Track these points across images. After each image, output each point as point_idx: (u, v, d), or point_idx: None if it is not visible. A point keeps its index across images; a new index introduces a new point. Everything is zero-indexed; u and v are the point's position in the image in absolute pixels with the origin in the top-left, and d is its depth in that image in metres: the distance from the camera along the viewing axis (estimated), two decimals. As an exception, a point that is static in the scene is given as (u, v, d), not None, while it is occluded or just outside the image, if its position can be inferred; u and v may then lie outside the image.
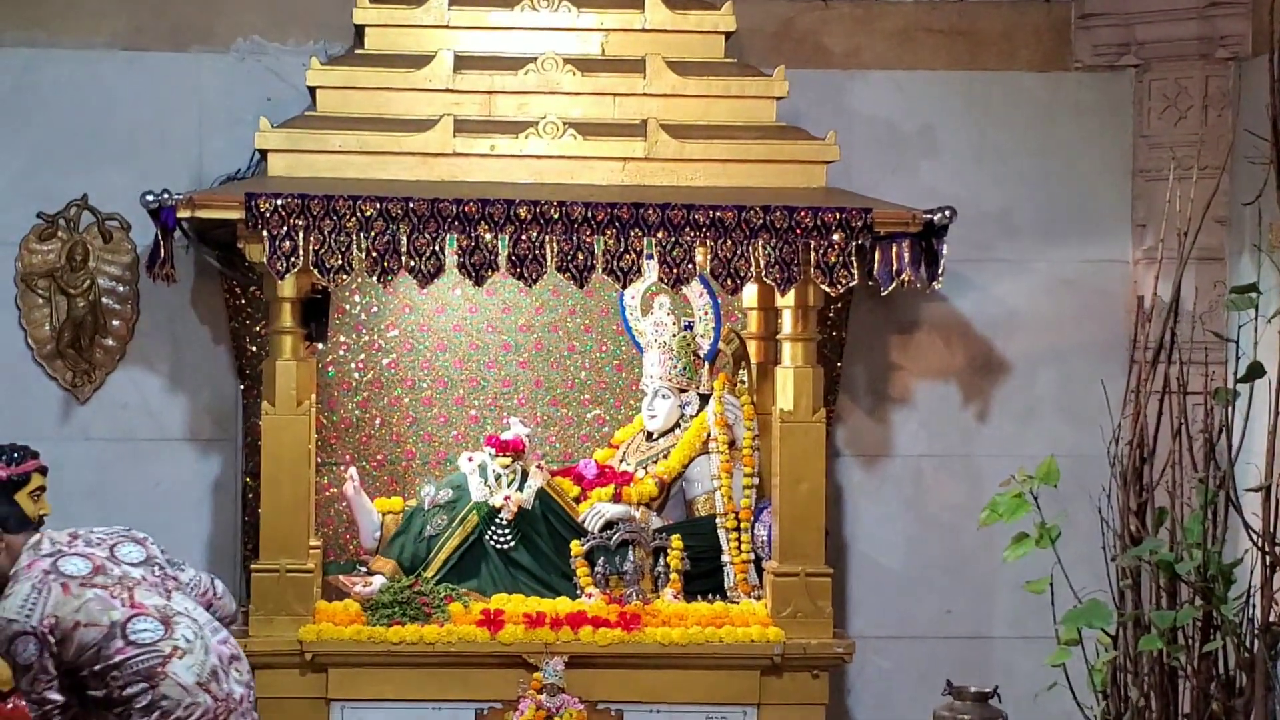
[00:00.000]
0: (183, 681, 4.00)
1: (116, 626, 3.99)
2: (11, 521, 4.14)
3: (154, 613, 4.05)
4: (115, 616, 4.00)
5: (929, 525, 6.34)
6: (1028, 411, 6.34)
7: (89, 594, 4.00)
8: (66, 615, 3.96)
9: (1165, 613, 4.05)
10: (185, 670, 4.01)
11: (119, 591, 4.04)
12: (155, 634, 4.02)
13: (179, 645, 4.02)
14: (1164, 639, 4.03)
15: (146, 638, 4.01)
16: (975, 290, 6.32)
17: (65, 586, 3.99)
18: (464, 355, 6.21)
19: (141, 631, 4.01)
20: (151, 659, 4.00)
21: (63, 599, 3.98)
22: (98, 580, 4.04)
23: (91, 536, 4.21)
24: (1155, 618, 4.05)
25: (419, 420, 6.17)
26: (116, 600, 4.02)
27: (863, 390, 6.33)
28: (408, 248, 5.23)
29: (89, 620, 3.97)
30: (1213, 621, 4.06)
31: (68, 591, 3.99)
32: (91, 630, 3.96)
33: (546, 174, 5.56)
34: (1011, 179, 6.33)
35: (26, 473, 4.84)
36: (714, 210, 5.32)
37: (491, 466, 5.81)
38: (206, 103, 6.08)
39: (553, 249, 5.27)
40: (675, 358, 6.00)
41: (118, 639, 3.98)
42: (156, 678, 3.98)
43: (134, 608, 4.03)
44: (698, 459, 5.95)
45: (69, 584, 4.00)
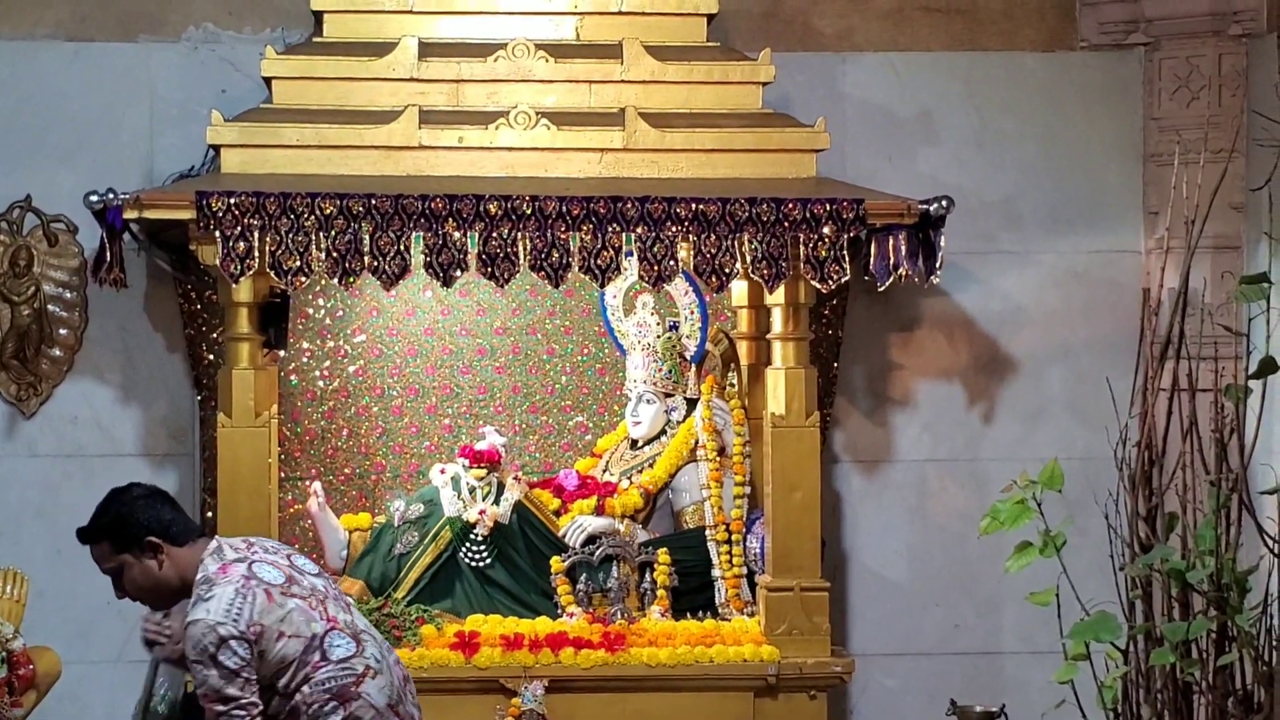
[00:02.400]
0: (375, 703, 4.00)
1: (317, 639, 3.98)
2: (175, 530, 4.08)
3: (345, 628, 4.05)
4: (316, 629, 3.99)
5: (933, 535, 6.34)
6: (1036, 412, 6.35)
7: (291, 604, 3.99)
8: (272, 624, 3.94)
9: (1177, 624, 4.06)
10: (378, 691, 4.01)
11: (314, 604, 4.03)
12: (349, 650, 4.01)
13: (370, 664, 4.02)
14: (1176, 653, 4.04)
15: (340, 653, 4.00)
16: (978, 284, 6.32)
17: (269, 594, 3.97)
18: (436, 361, 6.20)
19: (337, 647, 4.00)
20: (345, 677, 3.98)
21: (267, 606, 3.96)
22: (294, 590, 4.03)
23: (266, 544, 4.19)
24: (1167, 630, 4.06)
25: (388, 431, 6.17)
26: (315, 612, 4.02)
27: (861, 392, 6.33)
28: (371, 247, 5.24)
29: (293, 631, 3.96)
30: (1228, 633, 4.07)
31: (272, 600, 3.97)
32: (294, 643, 3.95)
33: (518, 167, 5.56)
34: (1015, 166, 6.33)
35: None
36: (697, 203, 5.32)
37: (465, 479, 5.81)
38: (157, 96, 6.09)
39: (525, 246, 5.27)
40: (660, 360, 6.00)
41: (315, 653, 3.97)
42: (349, 698, 3.98)
43: (329, 621, 4.03)
44: (685, 468, 5.95)
45: (272, 592, 3.98)
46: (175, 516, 4.13)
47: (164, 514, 4.11)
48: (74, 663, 5.34)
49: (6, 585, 4.97)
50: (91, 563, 5.99)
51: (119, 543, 4.12)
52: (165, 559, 4.08)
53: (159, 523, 4.09)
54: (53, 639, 5.27)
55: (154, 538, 4.08)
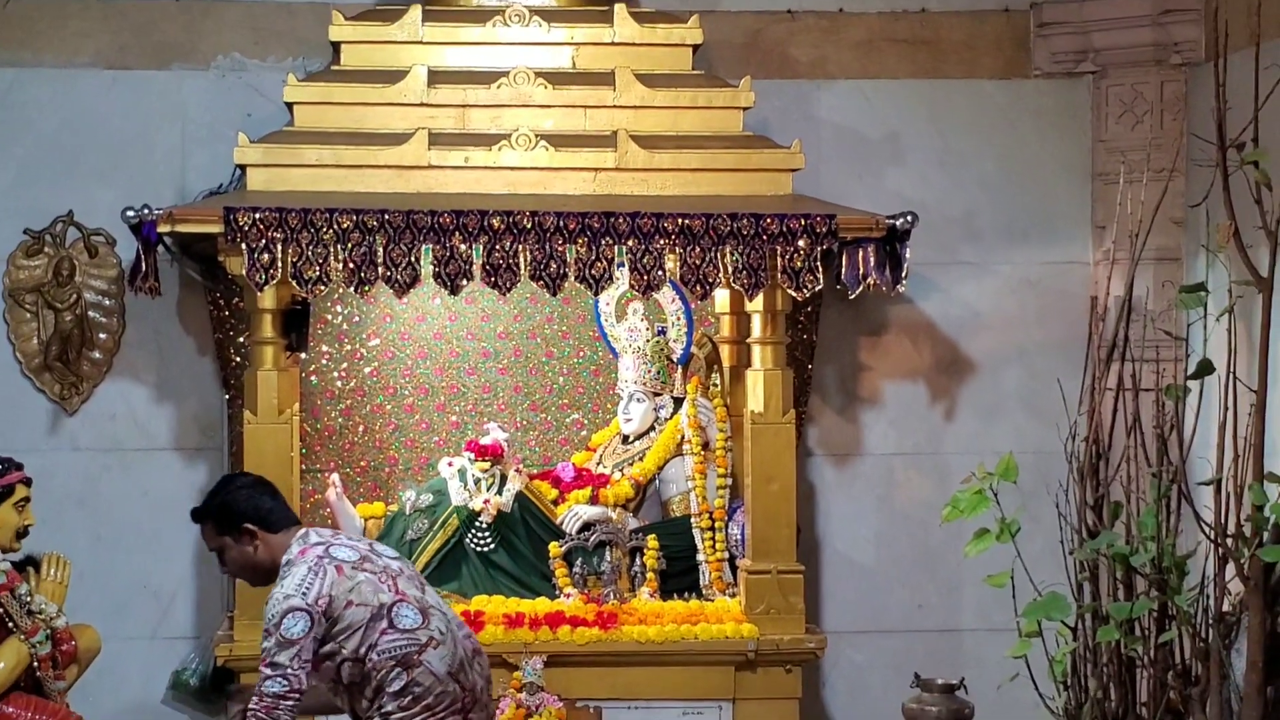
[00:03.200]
0: (435, 670, 4.12)
1: (384, 609, 4.12)
2: (271, 519, 4.25)
3: (414, 602, 4.18)
4: (384, 599, 4.13)
5: (899, 522, 6.34)
6: (993, 409, 6.35)
7: (361, 576, 4.14)
8: (340, 594, 4.09)
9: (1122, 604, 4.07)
10: (438, 660, 4.13)
11: (385, 579, 4.18)
12: (415, 621, 4.14)
13: (434, 636, 4.15)
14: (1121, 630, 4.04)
15: (408, 623, 4.13)
16: (940, 292, 6.33)
17: (340, 569, 4.13)
18: (444, 363, 6.21)
19: (404, 617, 4.13)
20: (409, 646, 4.11)
21: (338, 579, 4.11)
22: (367, 566, 4.18)
23: (349, 536, 4.39)
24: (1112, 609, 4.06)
25: (400, 427, 6.17)
26: (385, 585, 4.16)
27: (833, 391, 6.34)
28: (384, 259, 5.23)
29: (360, 600, 4.10)
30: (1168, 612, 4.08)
31: (342, 573, 4.12)
32: (361, 610, 4.09)
33: (519, 185, 5.56)
34: (974, 184, 6.34)
35: (10, 484, 4.84)
36: (682, 218, 5.32)
37: (471, 471, 5.80)
38: (189, 119, 6.08)
39: (526, 258, 5.27)
40: (649, 362, 6.01)
41: (382, 620, 4.10)
42: (412, 664, 4.10)
43: (399, 595, 4.17)
44: (672, 461, 5.95)
45: (343, 566, 4.14)
46: (274, 506, 4.29)
47: (263, 503, 4.27)
48: (112, 639, 5.33)
49: (51, 568, 4.97)
50: (127, 547, 6.08)
51: (221, 526, 4.28)
52: (260, 544, 4.25)
53: (256, 511, 4.25)
54: (93, 617, 5.27)
55: (250, 524, 4.24)
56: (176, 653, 6.03)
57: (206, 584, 6.07)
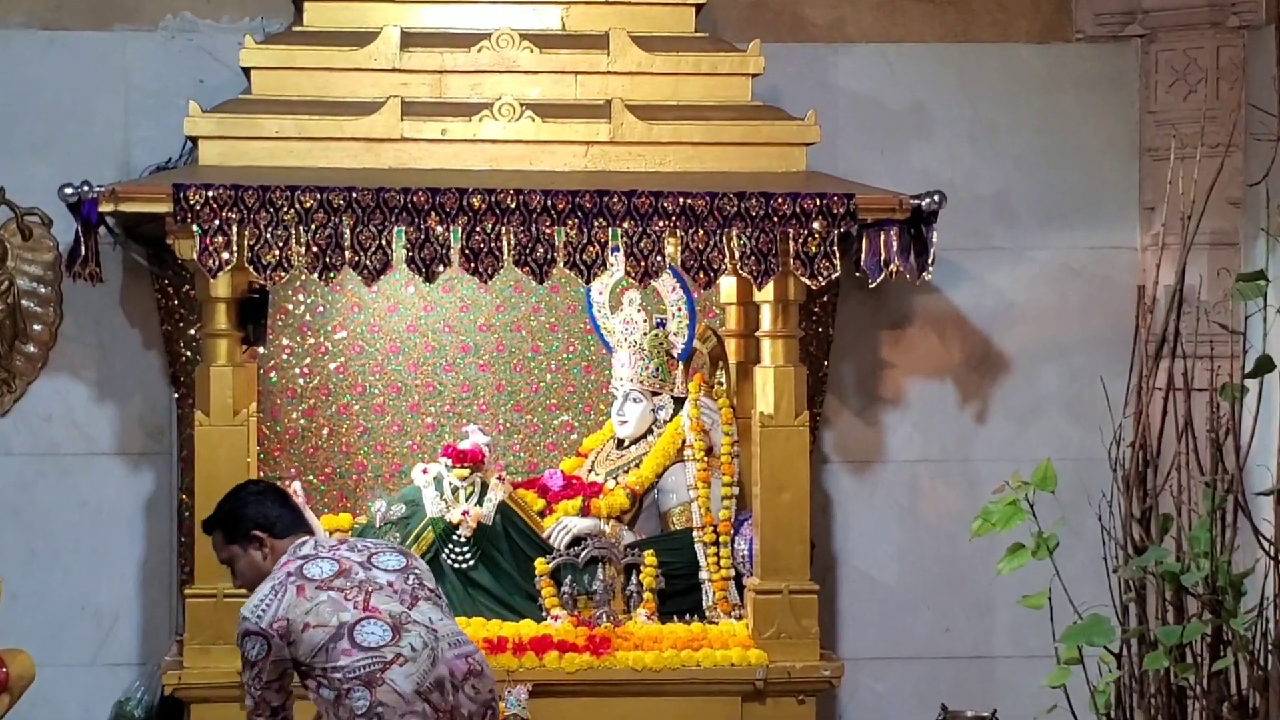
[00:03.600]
0: (400, 689, 4.24)
1: (344, 628, 4.27)
2: (279, 525, 4.48)
3: (386, 617, 4.32)
4: (345, 618, 4.29)
5: (925, 536, 6.35)
6: (1030, 411, 6.36)
7: (322, 596, 4.31)
8: (297, 618, 4.27)
9: (1171, 628, 4.05)
10: (404, 678, 4.26)
11: (355, 595, 4.34)
12: (381, 638, 4.28)
13: (402, 653, 4.28)
14: (1170, 657, 4.03)
15: (373, 640, 4.28)
16: (970, 281, 6.33)
17: (301, 589, 4.31)
18: (418, 358, 6.20)
19: (369, 634, 4.28)
20: (373, 664, 4.26)
21: (295, 601, 4.30)
22: (337, 583, 4.34)
23: (358, 544, 4.54)
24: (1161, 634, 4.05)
25: (370, 430, 6.17)
26: (349, 603, 4.32)
27: (851, 390, 6.34)
28: (352, 242, 5.22)
29: (318, 622, 4.27)
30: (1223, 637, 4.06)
31: (302, 594, 4.31)
32: (319, 632, 4.26)
33: (502, 160, 5.55)
34: (1008, 160, 6.34)
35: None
36: (684, 198, 5.32)
37: (448, 479, 5.80)
38: (133, 86, 6.08)
39: (510, 241, 5.27)
40: (647, 358, 6.00)
41: (343, 639, 4.26)
42: (374, 683, 4.25)
43: (366, 611, 4.32)
44: (672, 468, 5.96)
45: (305, 586, 4.32)
46: (282, 513, 4.54)
47: (271, 511, 4.52)
48: (47, 665, 5.33)
49: (-22, 587, 4.96)
50: (64, 564, 6.07)
51: (229, 534, 4.54)
52: (269, 551, 4.47)
53: (265, 518, 4.50)
54: (26, 641, 5.26)
55: (259, 531, 4.48)
56: (119, 681, 6.03)
57: (153, 604, 6.06)
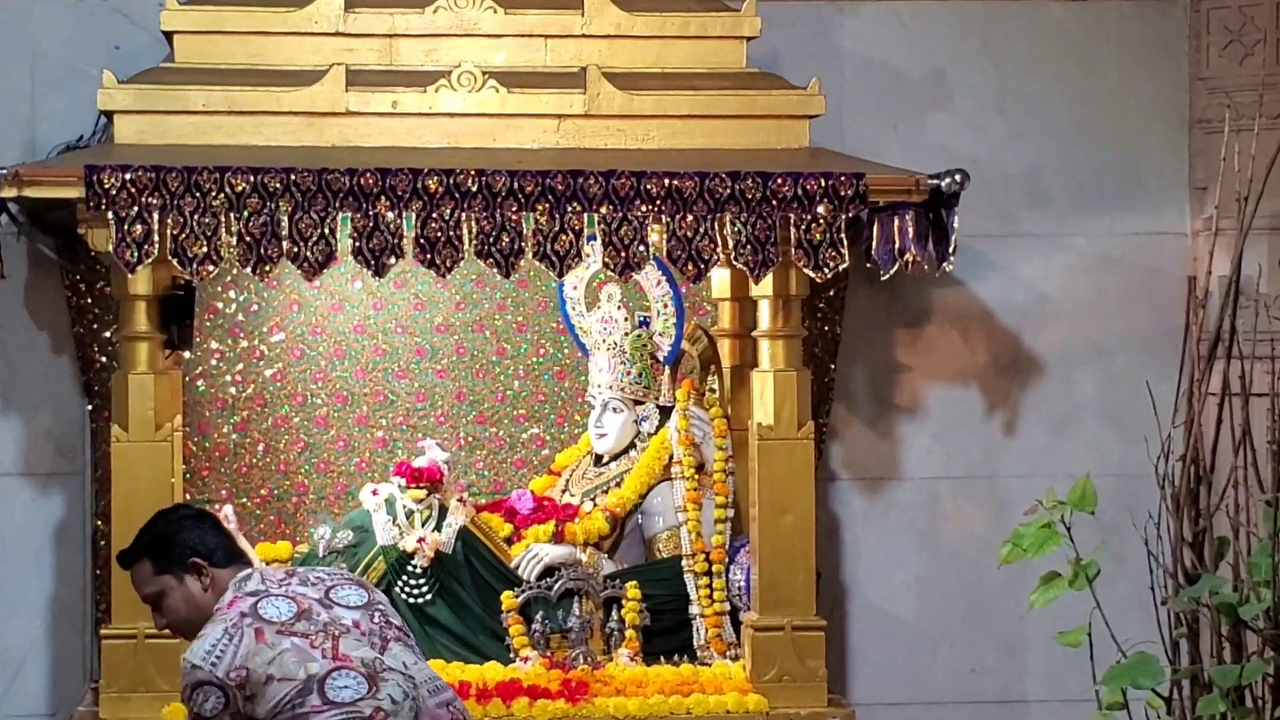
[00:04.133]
0: None
1: (313, 681, 4.16)
2: (220, 554, 4.34)
3: (359, 667, 4.21)
4: (313, 670, 4.17)
5: (946, 564, 6.37)
6: (1065, 421, 6.38)
7: (285, 643, 4.18)
8: (258, 667, 4.14)
9: (1229, 668, 4.07)
10: None
11: (321, 640, 4.22)
12: (357, 692, 4.18)
13: (382, 706, 4.18)
14: (1228, 700, 4.04)
15: (346, 695, 4.17)
16: (998, 272, 6.34)
17: (259, 633, 4.18)
18: (367, 363, 6.20)
19: (342, 689, 4.17)
20: None
21: (255, 648, 4.16)
22: (299, 627, 4.23)
23: (310, 576, 4.42)
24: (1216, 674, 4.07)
25: (311, 445, 6.17)
26: (317, 651, 4.20)
27: (862, 398, 6.35)
28: (290, 231, 5.22)
29: (283, 674, 4.14)
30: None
31: (261, 639, 4.17)
32: (284, 685, 4.14)
33: (462, 136, 5.56)
34: (1039, 134, 6.35)
35: None
36: (670, 178, 5.32)
37: (402, 501, 5.80)
38: (40, 54, 6.07)
39: (470, 229, 5.26)
40: (629, 362, 6.00)
41: (313, 695, 4.15)
42: None
43: (337, 660, 4.20)
44: (658, 487, 5.96)
45: (264, 630, 4.19)
46: (220, 541, 4.36)
47: (209, 538, 4.35)
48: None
49: None
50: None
51: (161, 562, 4.33)
52: (209, 582, 4.32)
53: (204, 544, 4.33)
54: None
55: (198, 559, 4.31)
56: (29, 730, 6.04)
57: (63, 647, 6.06)
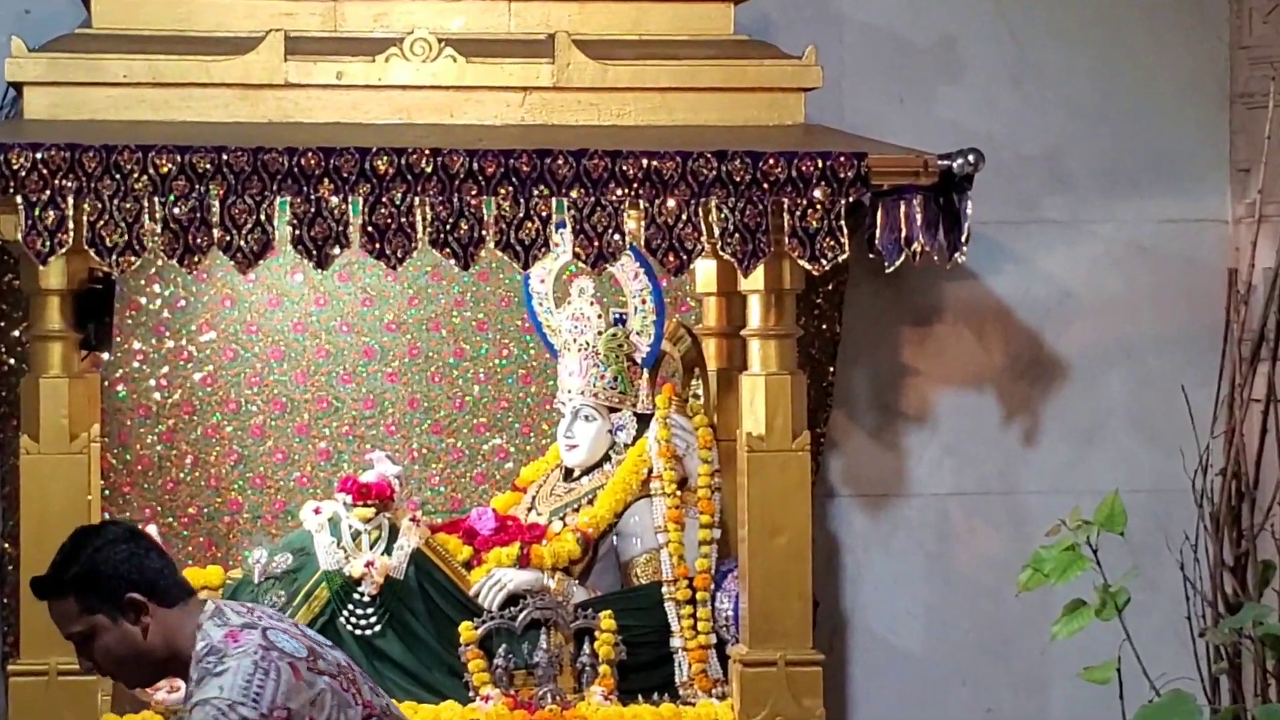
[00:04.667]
0: None
1: None
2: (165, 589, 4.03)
3: (382, 715, 4.13)
4: (352, 716, 4.04)
5: (959, 591, 6.39)
6: (1092, 430, 6.40)
7: (321, 683, 4.02)
8: (299, 709, 3.96)
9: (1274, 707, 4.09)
10: None
11: (346, 684, 4.09)
12: None
13: None
14: (1273, 742, 4.07)
15: None
16: (1016, 264, 6.37)
17: (295, 669, 3.99)
18: (309, 365, 6.22)
19: None
20: None
21: (295, 684, 3.97)
22: (320, 665, 4.06)
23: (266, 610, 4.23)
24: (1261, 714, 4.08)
25: (246, 458, 6.18)
26: (349, 695, 4.07)
27: (864, 405, 6.37)
28: (222, 217, 5.21)
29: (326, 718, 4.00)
30: (1339, 717, 4.10)
31: (299, 676, 3.99)
32: None
33: (415, 111, 5.57)
34: (1062, 110, 6.38)
35: None
36: (649, 159, 5.32)
37: (347, 520, 5.80)
38: (-61, 18, 6.07)
39: (425, 215, 5.25)
40: (603, 364, 6.01)
41: None
42: None
43: (366, 708, 4.09)
44: (636, 505, 5.97)
45: (298, 666, 4.01)
46: (164, 566, 4.10)
47: (151, 562, 4.06)
48: None
49: None
50: None
51: (88, 599, 4.03)
52: (150, 622, 4.05)
53: (144, 575, 4.04)
54: None
55: (137, 594, 4.03)
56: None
57: None
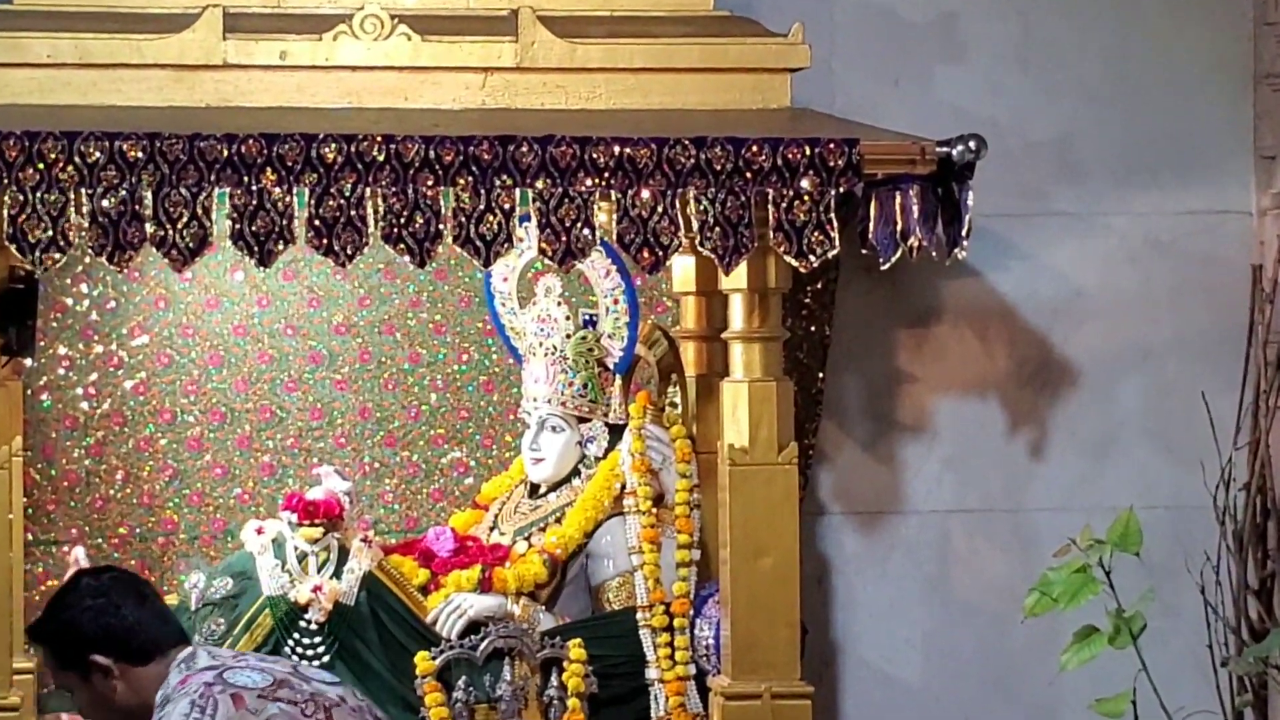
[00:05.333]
0: None
1: None
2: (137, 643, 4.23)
3: None
4: None
5: (961, 617, 6.41)
6: (1105, 442, 6.41)
7: (272, 709, 4.09)
8: None
9: (1302, 742, 4.11)
10: None
11: (313, 710, 4.14)
12: None
13: None
14: (1301, 782, 4.08)
15: None
16: (1022, 260, 6.39)
17: (238, 698, 4.08)
18: (250, 372, 6.23)
19: None
20: None
21: (234, 714, 4.06)
22: (282, 693, 4.14)
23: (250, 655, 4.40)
24: (1288, 750, 4.10)
25: (182, 473, 6.19)
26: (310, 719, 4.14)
27: (857, 414, 6.39)
28: (155, 210, 5.18)
29: None
30: (1372, 753, 4.12)
31: (241, 705, 4.07)
32: None
33: (366, 94, 5.59)
34: (1072, 91, 6.40)
35: None
36: (621, 145, 5.30)
37: (293, 541, 5.80)
38: None
39: (377, 208, 5.23)
40: (571, 370, 6.02)
41: None
42: None
43: None
44: (607, 524, 5.97)
45: (243, 696, 4.09)
46: (139, 622, 4.27)
47: (122, 620, 4.26)
48: None
49: None
50: None
51: (60, 658, 4.31)
52: (119, 682, 4.25)
53: (110, 635, 4.25)
54: None
55: (100, 656, 4.24)
56: None
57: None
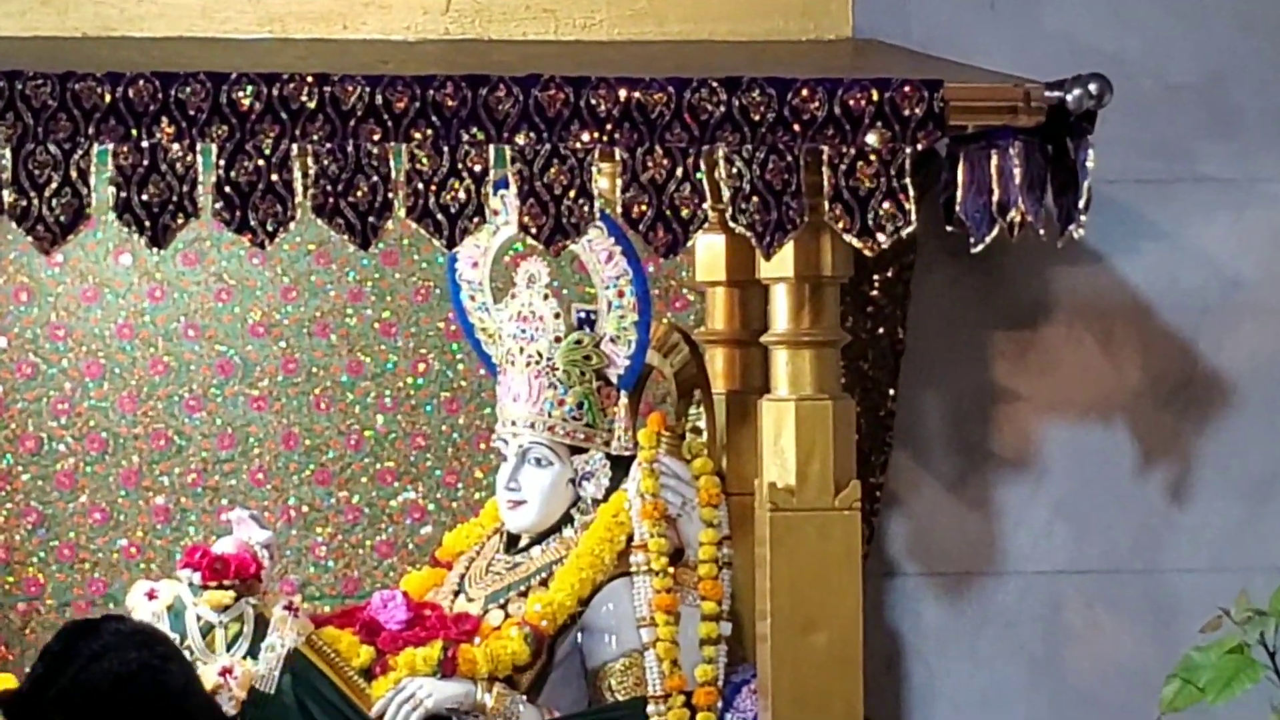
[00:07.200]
0: None
1: None
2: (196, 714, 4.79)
3: None
4: None
5: (1076, 709, 6.47)
6: (1267, 481, 6.48)
7: None
8: None
9: None
10: None
11: None
12: None
13: None
14: None
15: None
16: (1158, 240, 6.44)
17: None
18: (140, 386, 6.31)
19: None
20: None
21: None
22: None
23: None
24: None
25: (49, 518, 6.26)
26: None
27: (939, 444, 6.45)
28: (15, 174, 5.20)
29: None
30: None
31: None
32: None
33: (294, 22, 5.69)
34: (1222, 22, 6.46)
35: None
36: (628, 89, 5.33)
37: (195, 610, 5.82)
38: None
39: (306, 170, 5.25)
40: (562, 384, 6.02)
41: None
42: None
43: None
44: (609, 588, 5.98)
45: None
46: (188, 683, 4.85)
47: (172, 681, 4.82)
48: None
49: None
50: None
51: None
52: None
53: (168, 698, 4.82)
54: None
55: None
56: None
57: None
